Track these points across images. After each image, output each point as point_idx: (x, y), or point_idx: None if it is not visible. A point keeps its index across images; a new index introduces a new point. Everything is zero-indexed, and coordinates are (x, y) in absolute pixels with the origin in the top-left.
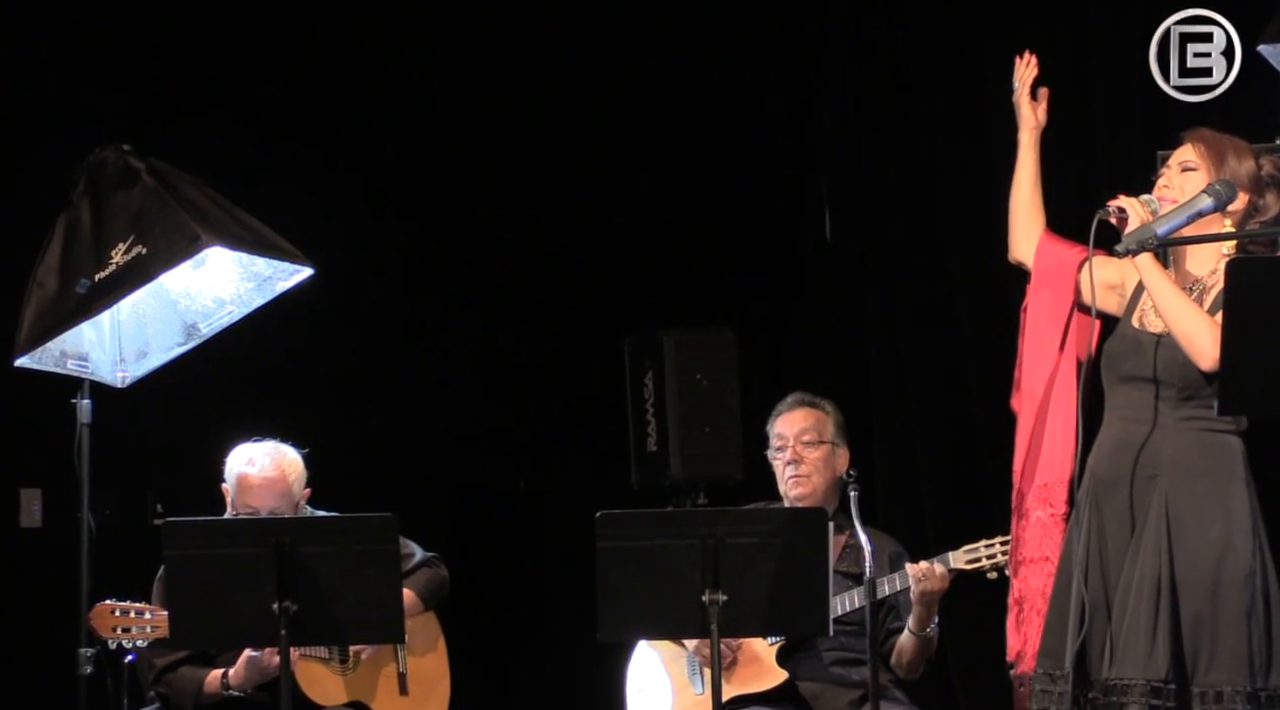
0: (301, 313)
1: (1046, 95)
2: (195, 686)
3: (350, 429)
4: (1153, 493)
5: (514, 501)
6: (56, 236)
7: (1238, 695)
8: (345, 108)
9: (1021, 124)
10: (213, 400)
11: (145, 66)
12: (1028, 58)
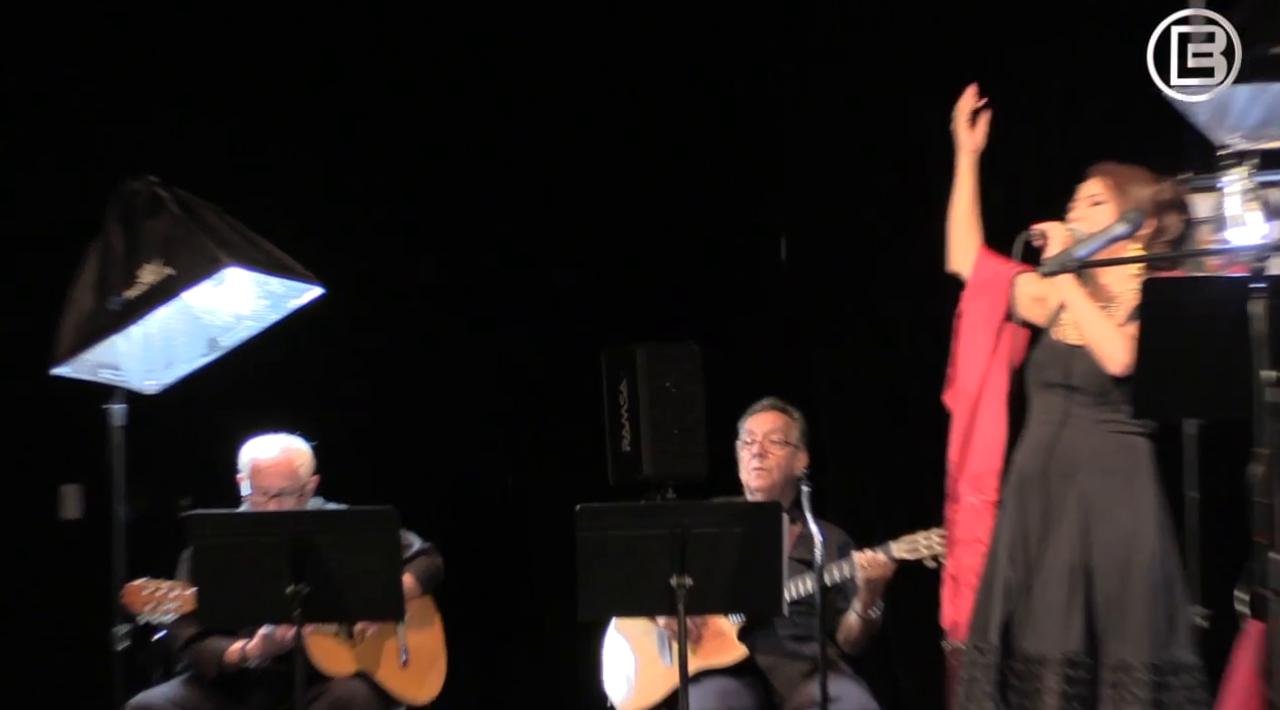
0: (312, 328)
1: (986, 120)
2: (217, 657)
3: (356, 432)
4: (1070, 487)
5: (503, 496)
6: (91, 258)
7: (1142, 667)
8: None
9: (960, 149)
10: (232, 405)
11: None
12: (970, 90)
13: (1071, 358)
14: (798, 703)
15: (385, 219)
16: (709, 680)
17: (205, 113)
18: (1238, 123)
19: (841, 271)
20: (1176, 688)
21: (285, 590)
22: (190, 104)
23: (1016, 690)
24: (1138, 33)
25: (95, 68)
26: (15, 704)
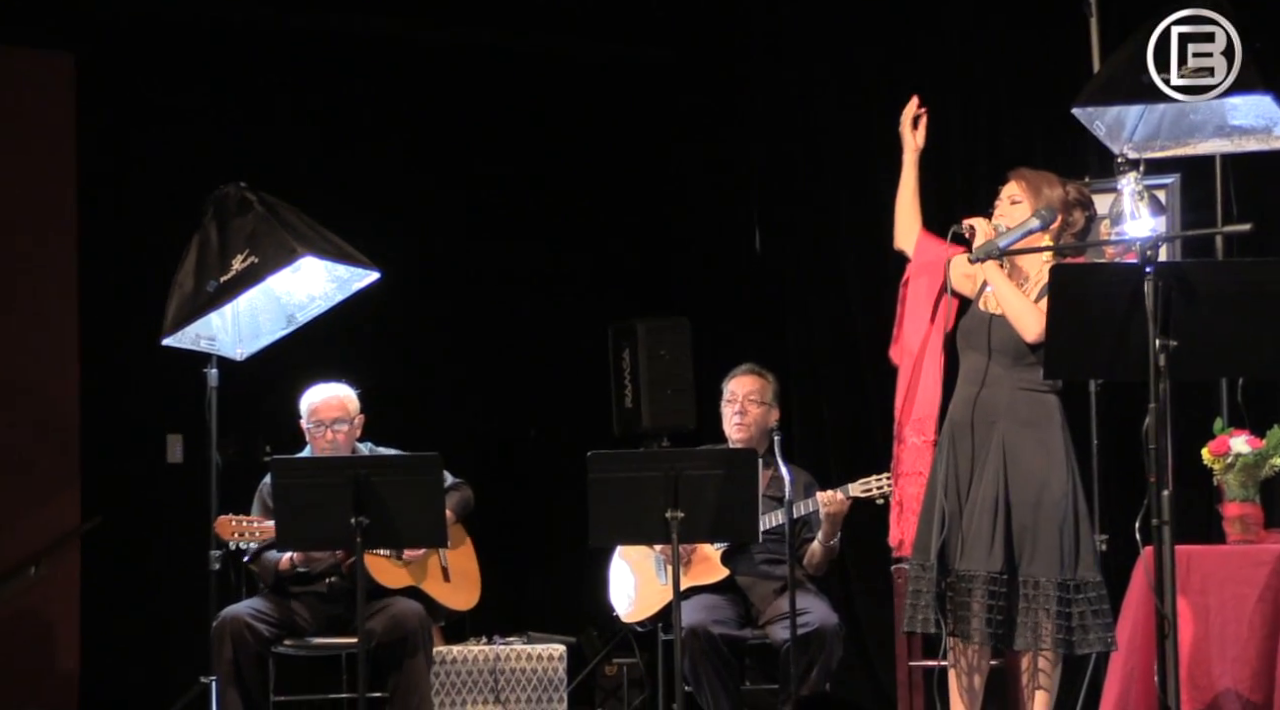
0: (372, 307)
1: (925, 123)
2: (273, 565)
3: (405, 390)
4: (993, 435)
5: (525, 444)
6: (191, 250)
7: (1050, 584)
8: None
9: (905, 148)
10: (305, 369)
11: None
12: (913, 99)
13: (993, 326)
14: (771, 615)
15: (429, 214)
16: (697, 596)
17: (285, 125)
18: (1130, 136)
19: (804, 258)
20: (1081, 601)
21: (349, 521)
22: (272, 119)
23: (951, 601)
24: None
25: (196, 91)
26: (130, 615)
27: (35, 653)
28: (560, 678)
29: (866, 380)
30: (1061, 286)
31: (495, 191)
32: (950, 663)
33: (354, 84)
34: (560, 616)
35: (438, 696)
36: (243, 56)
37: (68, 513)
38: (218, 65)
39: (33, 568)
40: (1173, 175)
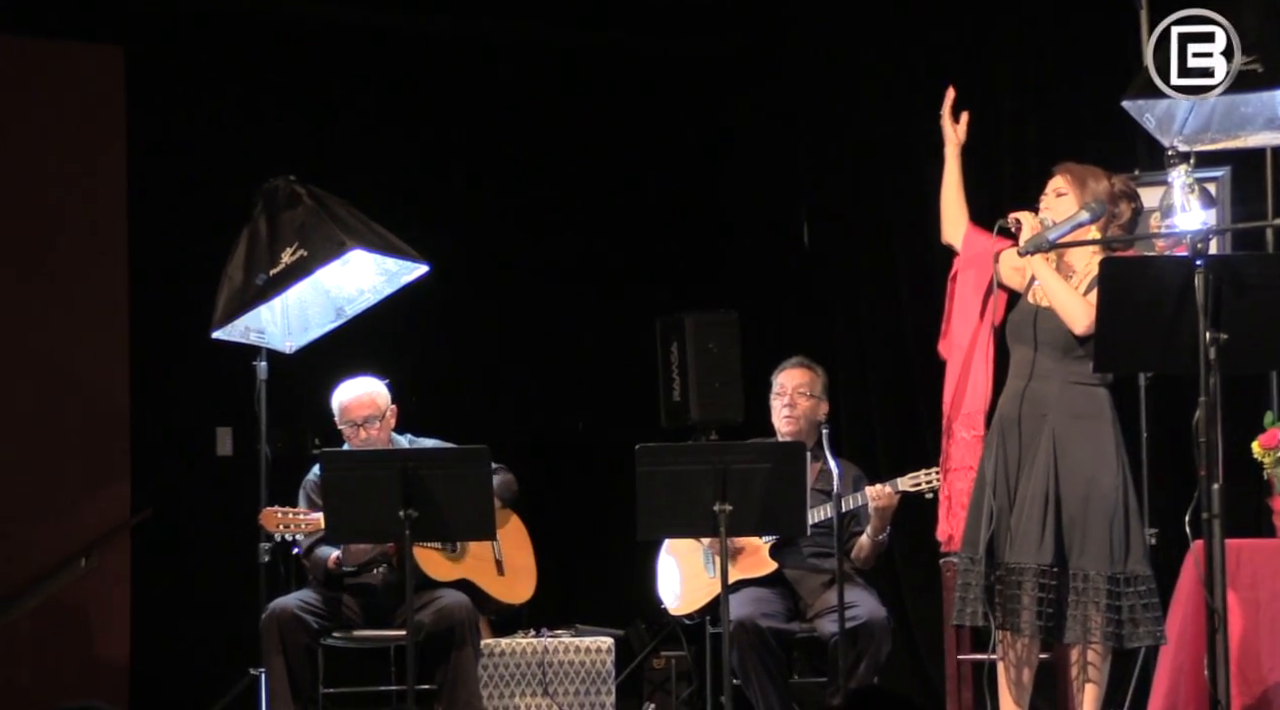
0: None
1: (966, 118)
2: (323, 563)
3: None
4: (1043, 428)
5: (574, 438)
6: (241, 243)
7: (1100, 577)
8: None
9: (946, 142)
10: (354, 363)
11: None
12: (949, 91)
13: (1039, 318)
14: (819, 608)
15: (478, 207)
16: (745, 589)
17: (334, 119)
18: (1180, 129)
19: (853, 251)
20: (1131, 594)
21: (398, 513)
22: (322, 112)
23: (1001, 594)
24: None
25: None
26: (180, 606)
27: (86, 643)
28: (608, 670)
29: (915, 374)
30: (1111, 279)
31: (544, 185)
32: (999, 656)
33: (404, 78)
34: (608, 609)
35: (486, 689)
36: (292, 50)
37: (118, 505)
38: (267, 58)
39: (83, 559)
40: (1223, 168)
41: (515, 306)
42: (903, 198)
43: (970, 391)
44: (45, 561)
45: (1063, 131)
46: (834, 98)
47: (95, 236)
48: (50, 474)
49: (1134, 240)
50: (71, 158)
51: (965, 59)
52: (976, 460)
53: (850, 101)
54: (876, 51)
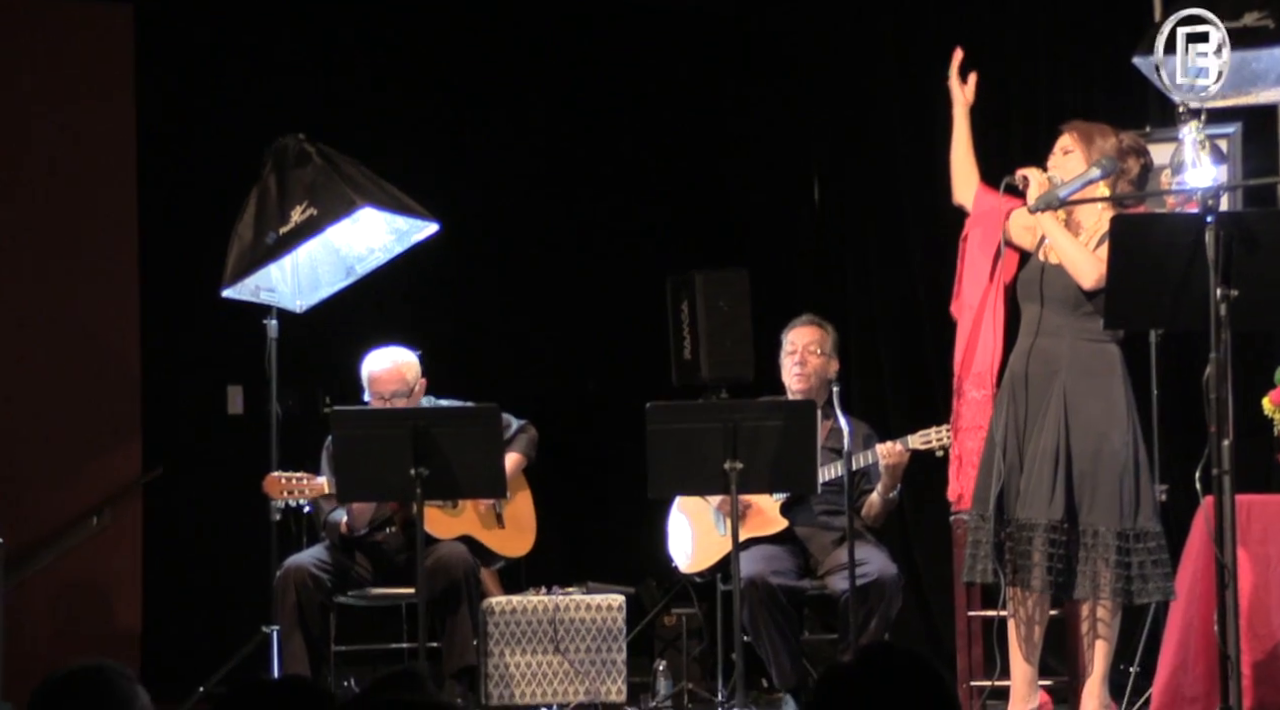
0: (431, 259)
1: (974, 79)
2: (336, 527)
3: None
4: (1054, 385)
5: (585, 396)
6: (251, 201)
7: (1110, 533)
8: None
9: (954, 103)
10: (365, 321)
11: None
12: (957, 52)
13: (1046, 274)
14: (830, 566)
15: (488, 166)
16: (756, 547)
17: (343, 77)
18: None
19: (863, 210)
20: (1141, 550)
21: (409, 472)
22: (331, 70)
23: (1011, 551)
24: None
25: (254, 42)
26: (192, 565)
27: (98, 602)
28: (619, 628)
29: (925, 332)
30: (1122, 236)
31: (556, 146)
32: (1009, 613)
33: (413, 36)
34: (619, 567)
35: (497, 646)
36: (300, 7)
37: (129, 463)
38: (275, 16)
39: (95, 518)
40: (1234, 124)
41: (526, 265)
42: (914, 156)
43: (980, 351)
44: (58, 521)
45: (1073, 88)
46: (846, 59)
47: (105, 196)
48: (62, 433)
49: (1145, 197)
50: (82, 116)
51: (975, 18)
52: (986, 419)
53: (861, 62)
54: (888, 14)
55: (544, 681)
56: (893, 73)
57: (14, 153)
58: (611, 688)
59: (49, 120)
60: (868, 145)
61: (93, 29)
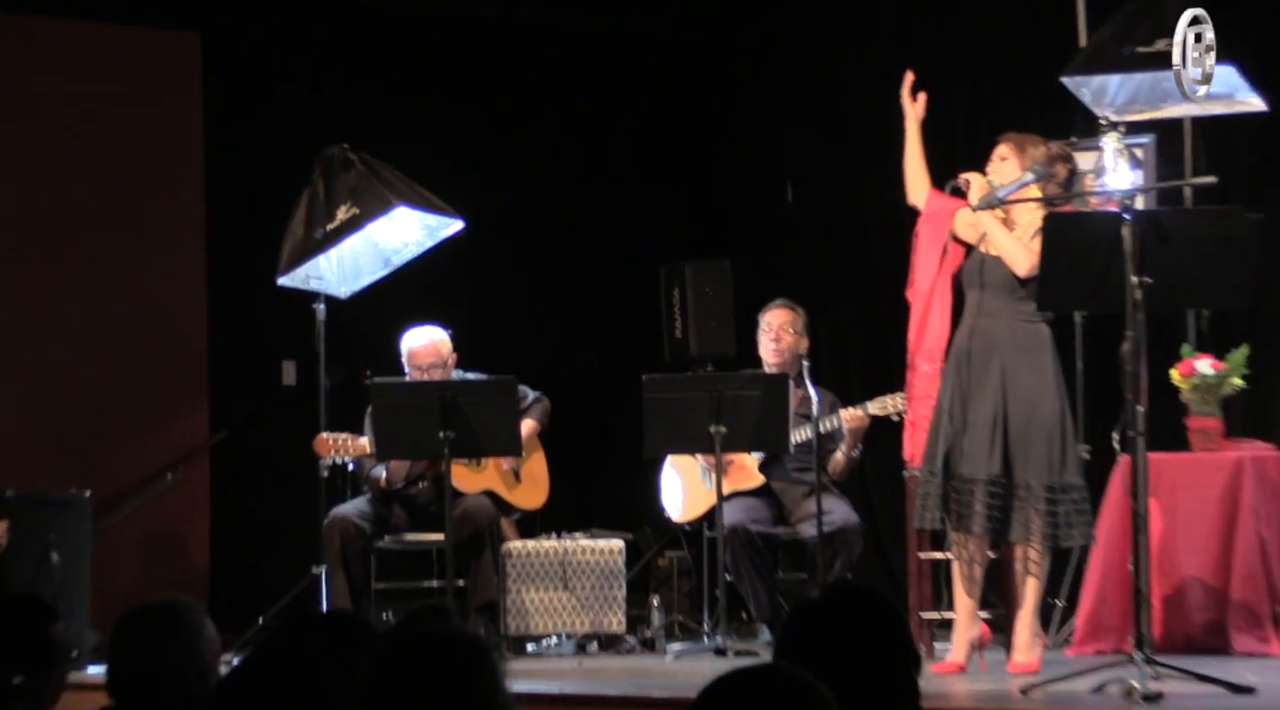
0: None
1: (923, 98)
2: (376, 481)
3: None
4: (993, 359)
5: (591, 369)
6: (302, 202)
7: (1040, 486)
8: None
9: (907, 118)
10: (400, 305)
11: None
12: (908, 74)
13: (986, 264)
14: (800, 515)
15: (508, 170)
16: (737, 499)
17: (380, 96)
18: (1112, 101)
19: (830, 208)
20: (1066, 501)
21: (438, 435)
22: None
23: (956, 502)
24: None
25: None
26: (252, 515)
27: (172, 547)
28: (620, 568)
29: (883, 314)
30: (1053, 231)
31: (567, 154)
32: (954, 555)
33: (441, 59)
34: (619, 516)
35: (515, 585)
36: (344, 32)
37: (198, 427)
38: (321, 44)
39: (168, 474)
40: (1148, 135)
41: (540, 257)
42: (874, 161)
43: (930, 330)
44: (137, 476)
45: (1010, 104)
46: (815, 78)
47: (178, 199)
48: (140, 400)
49: (1072, 197)
50: (155, 133)
51: (926, 42)
52: (936, 390)
53: (829, 80)
54: (854, 39)
55: (555, 615)
56: (857, 89)
57: (100, 161)
58: (613, 620)
59: (128, 132)
60: (834, 153)
61: (165, 53)
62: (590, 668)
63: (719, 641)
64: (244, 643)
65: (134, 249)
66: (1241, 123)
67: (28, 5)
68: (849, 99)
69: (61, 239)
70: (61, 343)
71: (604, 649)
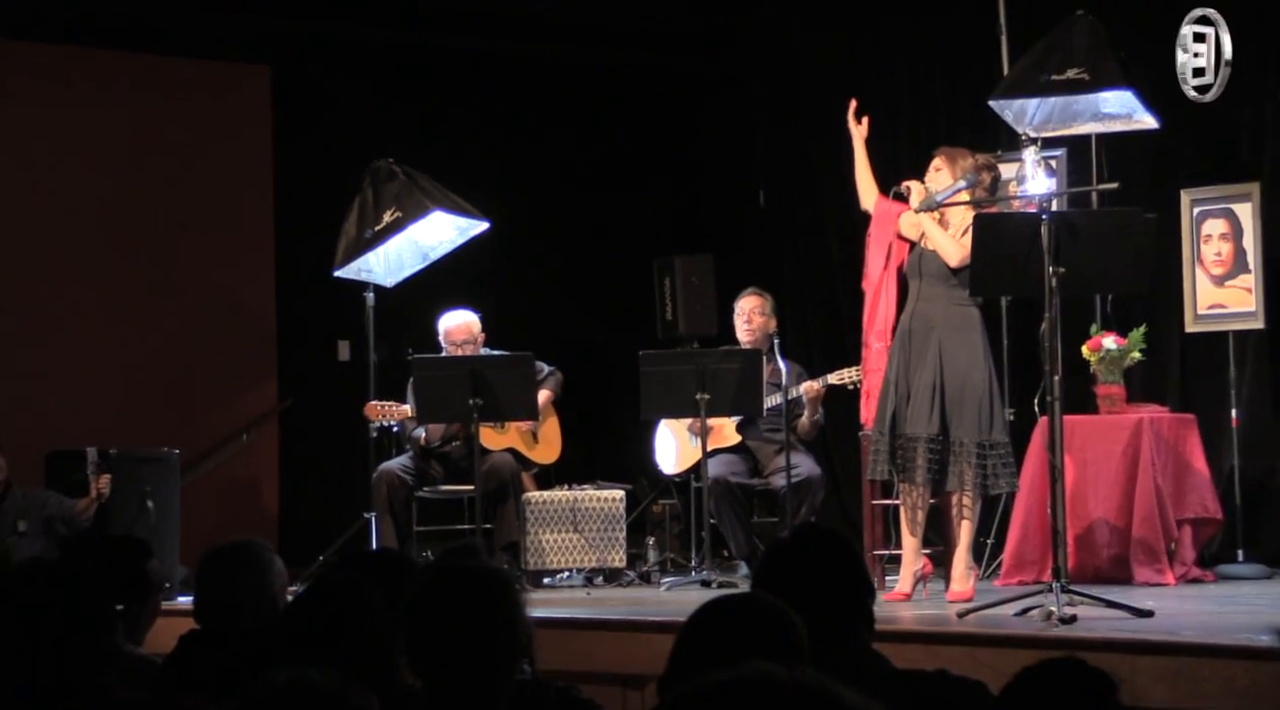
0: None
1: (866, 120)
2: (417, 440)
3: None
4: (931, 337)
5: (596, 346)
6: (354, 206)
7: (971, 443)
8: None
9: (853, 138)
10: (438, 293)
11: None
12: (852, 101)
13: (925, 257)
14: (772, 469)
15: (526, 178)
16: (719, 455)
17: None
18: (1030, 121)
19: (796, 210)
20: (994, 455)
21: (468, 402)
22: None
23: (901, 457)
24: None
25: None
26: (314, 470)
27: (247, 496)
28: (621, 514)
29: (841, 300)
30: (983, 229)
31: (575, 163)
32: (901, 502)
33: (468, 84)
34: (620, 469)
35: (532, 527)
36: (387, 64)
37: (268, 396)
38: (369, 76)
39: (244, 435)
40: (1061, 148)
41: (553, 252)
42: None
43: (880, 314)
44: (217, 437)
45: (944, 122)
46: (782, 101)
47: (250, 206)
48: (220, 373)
49: (998, 201)
50: (231, 153)
51: (876, 70)
52: (884, 364)
53: (794, 103)
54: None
55: (566, 553)
56: (818, 109)
57: (189, 174)
58: (615, 557)
59: (213, 150)
60: (799, 164)
61: (240, 84)
62: (596, 597)
63: (705, 575)
64: (307, 576)
65: (216, 248)
66: (1138, 138)
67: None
68: (812, 118)
69: (158, 240)
70: (156, 327)
71: (608, 582)
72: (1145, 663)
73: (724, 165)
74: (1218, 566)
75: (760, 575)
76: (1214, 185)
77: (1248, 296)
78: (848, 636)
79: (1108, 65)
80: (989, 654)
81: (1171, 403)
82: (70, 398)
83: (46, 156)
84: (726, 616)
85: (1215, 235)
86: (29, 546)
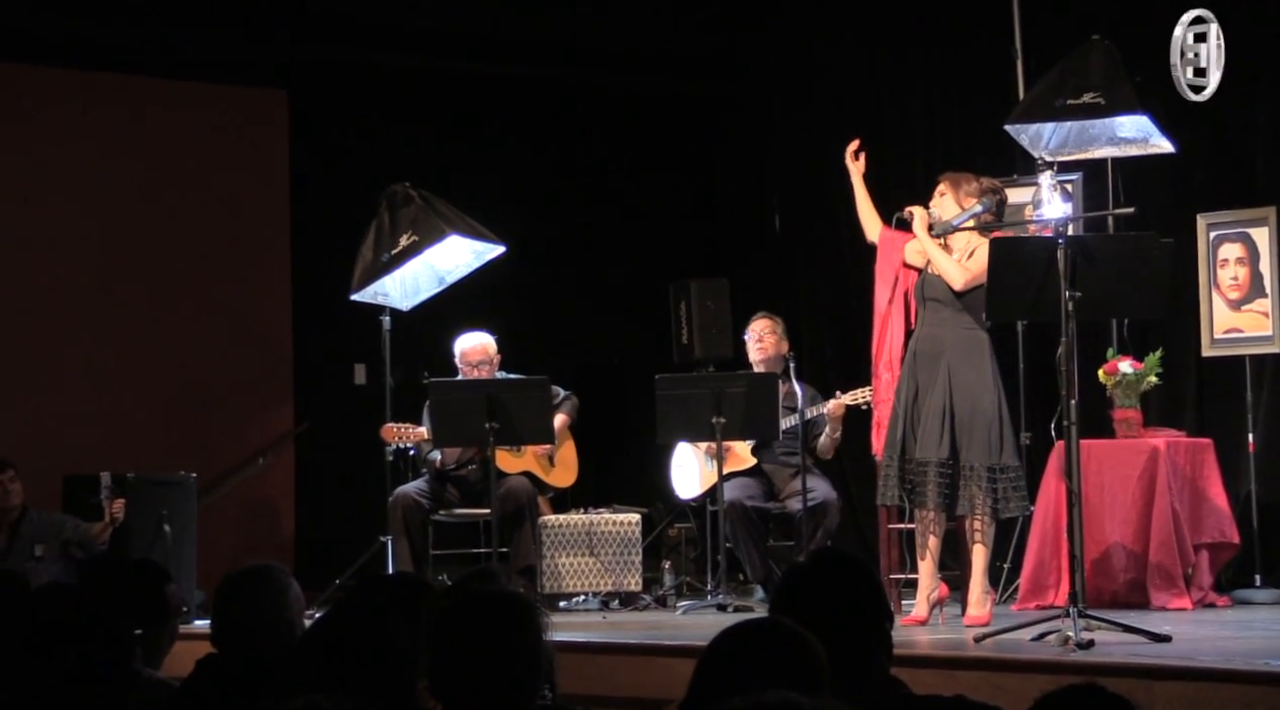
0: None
1: (864, 156)
2: (433, 464)
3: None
4: (941, 362)
5: (611, 370)
6: (371, 230)
7: (982, 467)
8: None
9: (851, 175)
10: (453, 317)
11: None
12: (853, 142)
13: (929, 282)
14: (788, 492)
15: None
16: (734, 479)
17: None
18: (1046, 145)
19: (811, 236)
20: (1004, 479)
21: (484, 425)
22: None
23: (911, 481)
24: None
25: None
26: (330, 493)
27: (264, 519)
28: (636, 537)
29: (853, 322)
30: (999, 253)
31: (593, 191)
32: (915, 526)
33: (484, 109)
34: (636, 493)
35: (548, 551)
36: (403, 89)
37: (284, 419)
38: (386, 96)
39: (260, 458)
40: (1077, 173)
41: (569, 276)
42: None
43: (889, 343)
44: (234, 460)
45: (960, 147)
46: (797, 131)
47: (266, 230)
48: (237, 397)
49: (1011, 225)
50: (249, 176)
51: (892, 98)
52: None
53: (810, 125)
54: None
55: (582, 576)
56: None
57: (206, 199)
58: (631, 581)
59: (230, 176)
60: (813, 191)
61: (258, 110)
62: (612, 621)
63: (720, 599)
64: (324, 600)
65: (232, 273)
66: (1154, 162)
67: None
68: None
69: (176, 265)
70: (173, 351)
71: (624, 605)
72: (1163, 688)
73: (739, 189)
74: (1235, 591)
75: (779, 599)
76: (1230, 209)
77: (1264, 321)
78: (867, 662)
79: (1123, 89)
80: (1006, 679)
81: (1188, 427)
82: (88, 421)
83: (66, 181)
84: (749, 642)
85: (1231, 259)
86: (46, 571)
